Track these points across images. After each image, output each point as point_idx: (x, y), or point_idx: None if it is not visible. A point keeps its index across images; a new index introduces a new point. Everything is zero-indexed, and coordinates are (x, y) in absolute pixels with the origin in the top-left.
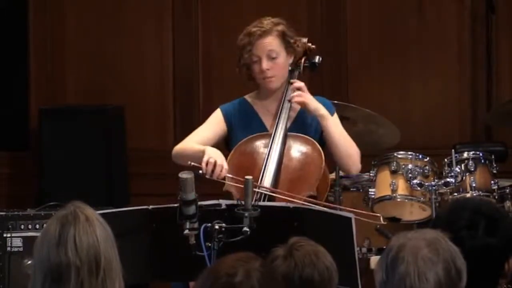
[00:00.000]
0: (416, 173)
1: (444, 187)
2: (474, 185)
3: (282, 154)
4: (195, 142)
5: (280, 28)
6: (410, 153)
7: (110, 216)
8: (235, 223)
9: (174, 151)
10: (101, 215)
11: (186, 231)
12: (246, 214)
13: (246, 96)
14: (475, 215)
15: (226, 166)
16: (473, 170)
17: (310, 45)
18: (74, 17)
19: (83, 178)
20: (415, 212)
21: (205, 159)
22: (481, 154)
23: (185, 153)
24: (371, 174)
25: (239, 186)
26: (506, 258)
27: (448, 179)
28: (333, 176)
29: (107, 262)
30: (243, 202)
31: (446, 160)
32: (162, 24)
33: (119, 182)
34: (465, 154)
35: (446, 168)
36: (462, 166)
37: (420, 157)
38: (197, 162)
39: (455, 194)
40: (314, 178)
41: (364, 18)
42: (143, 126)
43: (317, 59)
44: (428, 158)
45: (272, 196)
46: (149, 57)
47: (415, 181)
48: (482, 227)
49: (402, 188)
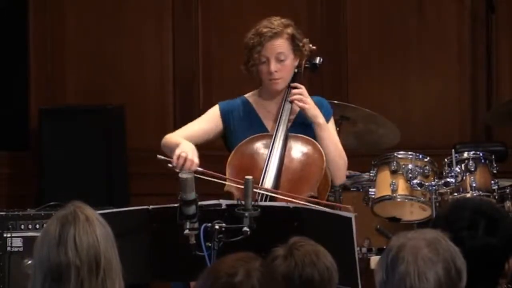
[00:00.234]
0: (416, 173)
1: (444, 187)
2: (474, 185)
3: (283, 155)
4: (182, 136)
5: (290, 30)
6: (410, 153)
7: (110, 216)
8: (235, 223)
9: (162, 142)
10: (101, 215)
11: (186, 231)
12: (246, 214)
13: (246, 95)
14: (475, 215)
15: (197, 161)
16: (473, 170)
17: (311, 46)
18: (74, 17)
19: (83, 178)
20: (415, 212)
21: (177, 153)
22: (481, 154)
23: (166, 145)
24: (371, 174)
25: (240, 187)
26: (506, 258)
27: (448, 179)
28: None
29: (107, 262)
30: (243, 202)
31: (446, 160)
32: (162, 24)
33: (119, 182)
34: (465, 154)
35: (446, 168)
36: (462, 166)
37: (420, 157)
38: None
39: (455, 194)
40: (315, 178)
41: (364, 18)
42: (143, 126)
43: (317, 60)
44: (428, 158)
45: (273, 196)
46: (149, 57)
47: (415, 181)
48: (482, 227)
49: (402, 188)
